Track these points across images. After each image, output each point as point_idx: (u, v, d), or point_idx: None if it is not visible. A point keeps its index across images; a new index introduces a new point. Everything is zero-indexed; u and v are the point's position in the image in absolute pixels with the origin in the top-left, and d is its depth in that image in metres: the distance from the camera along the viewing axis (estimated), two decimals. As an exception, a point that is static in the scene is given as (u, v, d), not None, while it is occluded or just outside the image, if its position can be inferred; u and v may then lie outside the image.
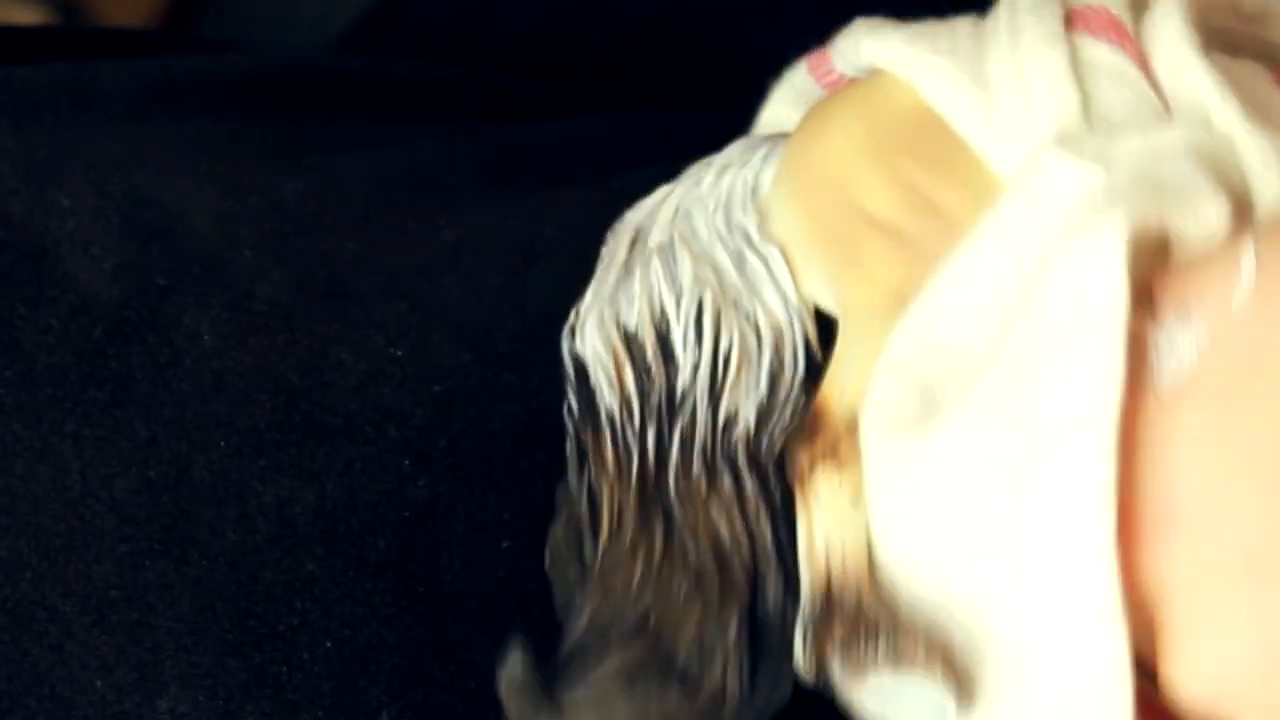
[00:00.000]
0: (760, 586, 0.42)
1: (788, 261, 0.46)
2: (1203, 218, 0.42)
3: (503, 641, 0.42)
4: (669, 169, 0.49)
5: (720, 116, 0.52)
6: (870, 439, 0.42)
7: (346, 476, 0.45)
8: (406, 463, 0.45)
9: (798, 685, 0.42)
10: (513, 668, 0.40)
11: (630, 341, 0.45)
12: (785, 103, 0.51)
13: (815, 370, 0.45)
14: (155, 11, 1.11)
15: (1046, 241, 0.42)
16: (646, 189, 0.49)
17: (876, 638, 0.40)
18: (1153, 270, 0.43)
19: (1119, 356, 0.40)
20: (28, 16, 1.10)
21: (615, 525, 0.43)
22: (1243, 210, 0.44)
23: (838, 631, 0.41)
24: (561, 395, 0.46)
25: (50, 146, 0.49)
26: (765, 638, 0.42)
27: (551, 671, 0.41)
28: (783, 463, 0.44)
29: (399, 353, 0.46)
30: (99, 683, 0.43)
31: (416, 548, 0.44)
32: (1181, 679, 0.40)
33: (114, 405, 0.45)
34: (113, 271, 0.47)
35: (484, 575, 0.44)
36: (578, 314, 0.47)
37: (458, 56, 0.67)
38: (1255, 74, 0.47)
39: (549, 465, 0.45)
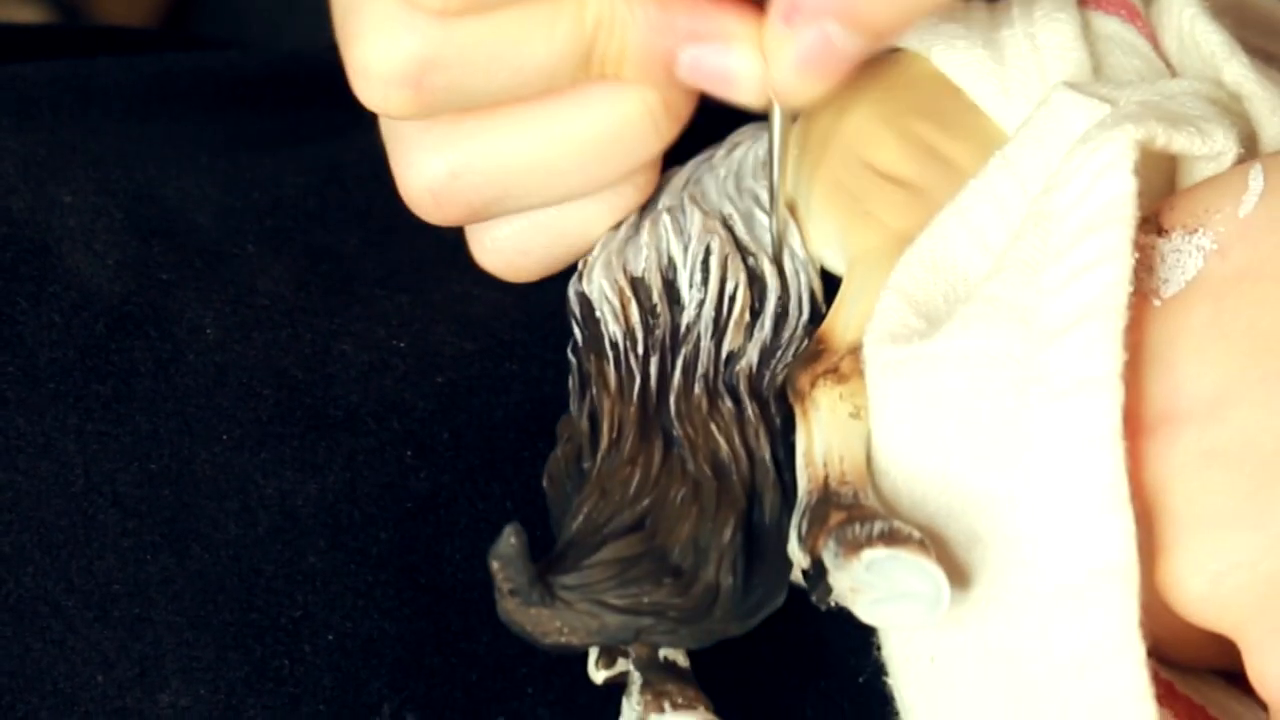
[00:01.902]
0: (757, 499, 0.43)
1: (797, 221, 0.47)
2: (1210, 138, 0.42)
3: (505, 634, 0.43)
4: (673, 165, 0.49)
5: (723, 113, 0.53)
6: (873, 349, 0.42)
7: (349, 469, 0.45)
8: (409, 454, 0.45)
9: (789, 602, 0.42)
10: (505, 545, 0.39)
11: (637, 284, 0.46)
12: None
13: (819, 320, 0.45)
14: (155, 10, 1.11)
15: (1052, 171, 0.43)
16: None
17: (873, 521, 0.40)
18: (1160, 198, 0.43)
19: (1126, 250, 0.40)
20: (28, 15, 1.10)
21: (615, 439, 0.43)
22: (1250, 156, 0.44)
23: (834, 517, 0.40)
24: (562, 384, 0.46)
25: (52, 144, 0.49)
26: (761, 544, 0.42)
27: (545, 562, 0.41)
28: (784, 394, 0.44)
29: (401, 344, 0.47)
30: (100, 677, 0.43)
31: (419, 539, 0.44)
32: (1180, 579, 0.39)
33: (116, 400, 0.45)
34: (115, 267, 0.47)
35: (485, 566, 0.44)
36: (585, 263, 0.47)
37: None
38: (1258, 64, 0.47)
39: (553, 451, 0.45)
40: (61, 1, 1.11)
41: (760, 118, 0.51)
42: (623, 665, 0.42)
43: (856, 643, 0.42)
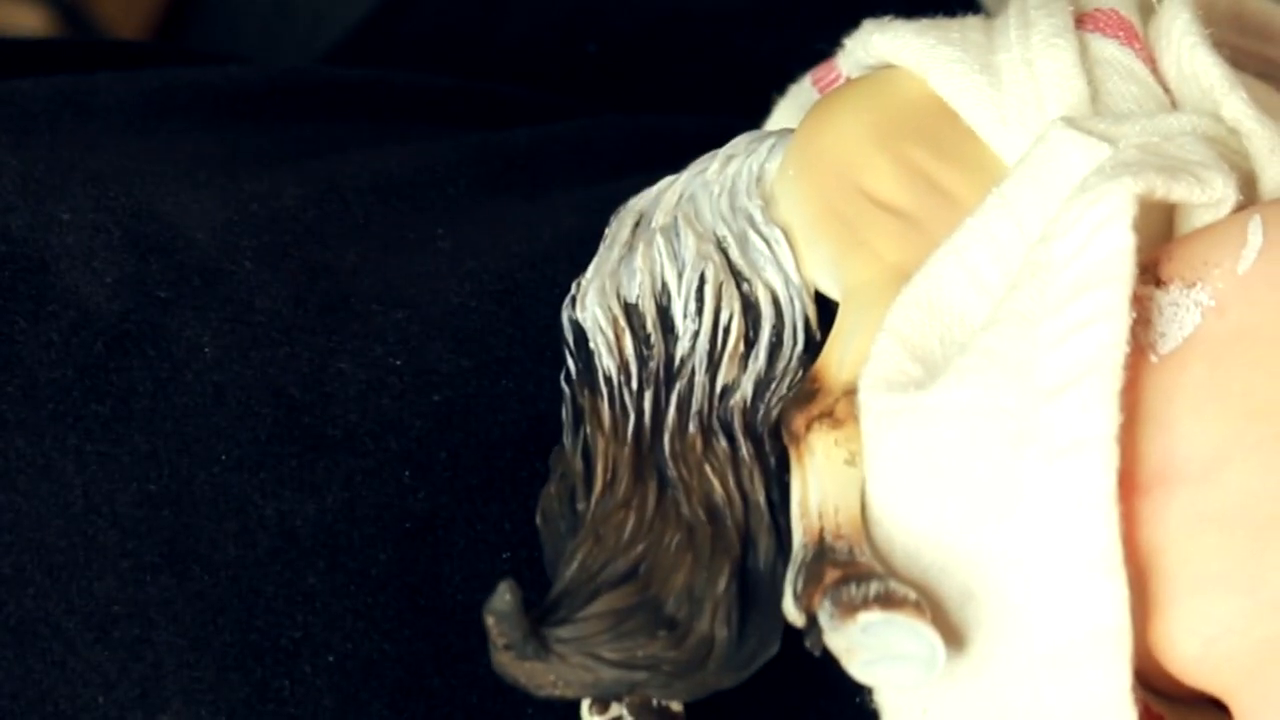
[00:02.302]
0: (751, 544, 0.42)
1: (791, 244, 0.46)
2: (1210, 186, 0.42)
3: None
4: (669, 173, 0.49)
5: (721, 121, 0.52)
6: (869, 397, 0.42)
7: (347, 489, 0.45)
8: (407, 474, 0.45)
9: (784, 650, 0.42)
10: (499, 600, 0.40)
11: (630, 312, 0.46)
12: (790, 115, 0.51)
13: (814, 349, 0.45)
14: (153, 10, 1.11)
15: (1051, 214, 0.42)
16: None
17: (868, 581, 0.40)
18: (1158, 245, 0.43)
19: (1124, 309, 0.40)
20: (28, 17, 1.10)
21: (609, 480, 0.43)
22: (1249, 198, 0.44)
23: (829, 576, 0.40)
24: (559, 402, 0.46)
25: (50, 160, 0.49)
26: (755, 592, 0.42)
27: (539, 612, 0.41)
28: (778, 430, 0.44)
29: (398, 362, 0.46)
30: (101, 699, 0.43)
31: (417, 560, 0.44)
32: (1173, 641, 0.39)
33: (115, 420, 0.45)
34: (113, 285, 0.47)
35: (485, 587, 0.44)
36: (579, 286, 0.47)
37: (454, 69, 0.67)
38: (1255, 84, 0.47)
39: (548, 474, 0.45)
40: (62, 2, 1.11)
41: (755, 126, 0.51)
42: (616, 710, 0.42)
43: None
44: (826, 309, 0.46)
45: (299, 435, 0.45)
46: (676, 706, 0.42)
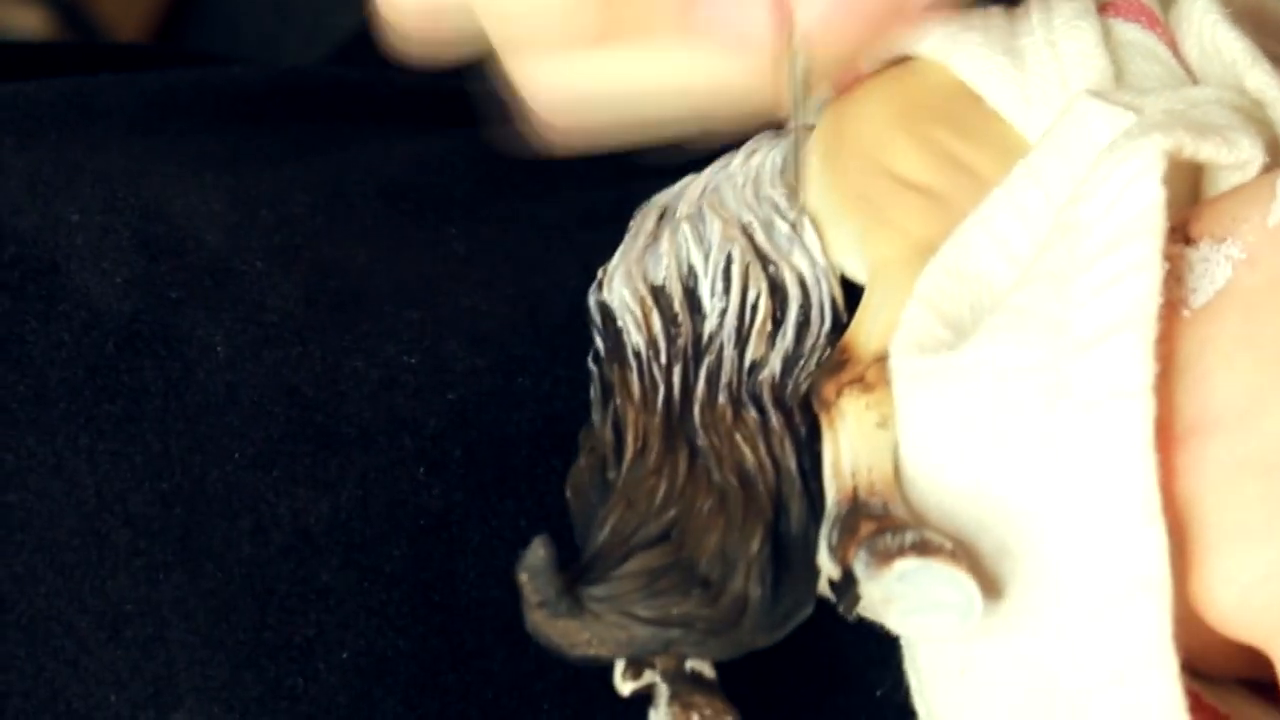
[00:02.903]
0: (784, 510, 0.42)
1: (816, 228, 0.47)
2: (1237, 147, 0.42)
3: (519, 651, 0.43)
4: (676, 175, 0.49)
5: None
6: (900, 360, 0.42)
7: (361, 486, 0.45)
8: (421, 471, 0.45)
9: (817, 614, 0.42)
10: (533, 557, 0.39)
11: (657, 294, 0.46)
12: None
13: (840, 330, 0.45)
14: (153, 10, 1.11)
15: (1078, 181, 0.42)
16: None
17: (904, 531, 0.40)
18: (1185, 206, 0.43)
19: (1157, 261, 0.39)
20: (28, 17, 1.10)
21: (639, 449, 0.43)
22: (1274, 165, 0.44)
23: (864, 528, 0.40)
24: (575, 400, 0.46)
25: (57, 162, 0.49)
26: (788, 556, 0.42)
27: (572, 574, 0.41)
28: (807, 404, 0.44)
29: (412, 360, 0.46)
30: (114, 697, 0.43)
31: (432, 557, 0.44)
32: (1211, 590, 0.39)
33: (127, 419, 0.45)
34: (124, 285, 0.47)
35: (500, 584, 0.44)
36: (605, 272, 0.47)
37: (455, 69, 0.67)
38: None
39: (564, 472, 0.45)
40: (61, 1, 1.11)
41: (778, 125, 0.51)
42: (649, 677, 0.42)
43: (874, 656, 0.43)
44: (852, 296, 0.46)
45: (312, 433, 0.45)
46: (709, 673, 0.41)
